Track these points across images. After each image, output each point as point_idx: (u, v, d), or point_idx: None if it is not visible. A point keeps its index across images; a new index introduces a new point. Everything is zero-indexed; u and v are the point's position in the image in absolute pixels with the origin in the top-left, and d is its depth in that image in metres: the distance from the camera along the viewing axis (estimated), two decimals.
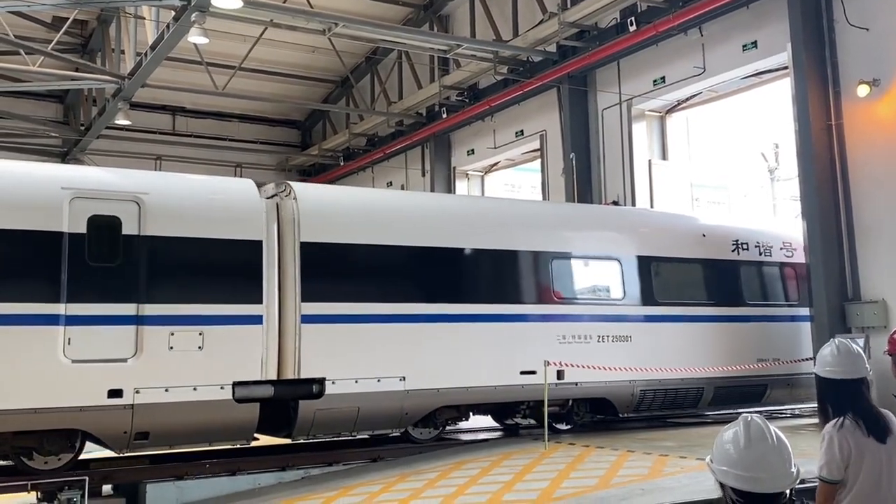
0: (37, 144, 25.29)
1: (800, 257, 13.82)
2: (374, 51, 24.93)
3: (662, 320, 12.50)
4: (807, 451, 6.73)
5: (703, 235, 13.53)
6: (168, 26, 15.89)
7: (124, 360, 9.11)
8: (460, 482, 8.88)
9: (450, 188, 22.87)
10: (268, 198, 10.58)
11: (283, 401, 10.14)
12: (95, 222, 9.24)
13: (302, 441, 10.81)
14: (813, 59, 13.02)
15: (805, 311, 13.36)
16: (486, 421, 13.25)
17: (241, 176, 27.42)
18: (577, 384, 11.69)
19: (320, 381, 10.06)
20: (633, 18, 16.01)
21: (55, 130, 24.92)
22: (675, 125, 17.82)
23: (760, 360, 13.04)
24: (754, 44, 14.74)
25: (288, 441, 10.71)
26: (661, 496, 7.82)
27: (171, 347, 9.30)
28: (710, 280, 13.36)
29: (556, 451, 10.50)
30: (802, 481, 2.97)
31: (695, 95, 16.90)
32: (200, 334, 9.45)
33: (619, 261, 12.40)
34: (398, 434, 11.32)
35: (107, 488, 9.55)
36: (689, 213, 15.80)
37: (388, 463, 10.45)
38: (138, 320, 9.21)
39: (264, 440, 10.76)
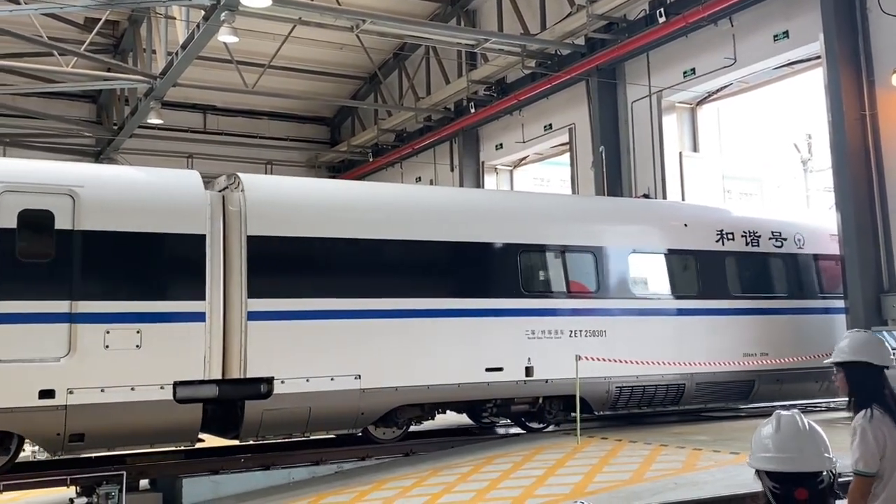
0: (71, 144, 25.65)
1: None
2: (401, 47, 24.94)
3: (641, 314, 12.12)
4: (843, 445, 6.67)
5: (685, 225, 13.01)
6: (198, 26, 16.04)
7: (56, 360, 8.76)
8: (493, 476, 8.89)
9: (478, 183, 22.87)
10: (219, 190, 10.30)
11: (230, 401, 9.78)
12: (26, 217, 8.89)
13: (334, 436, 10.85)
14: (846, 48, 12.84)
15: (800, 304, 13.27)
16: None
17: (272, 173, 27.62)
18: (547, 381, 11.24)
19: (268, 381, 9.65)
20: (662, 10, 15.86)
21: (89, 130, 25.27)
22: (705, 117, 17.66)
23: (747, 356, 12.58)
24: (786, 34, 14.55)
25: (324, 436, 10.70)
26: (695, 490, 7.78)
27: (107, 346, 8.94)
28: (695, 271, 12.81)
29: (588, 446, 10.47)
30: (839, 475, 2.97)
31: (726, 87, 16.74)
32: (138, 332, 9.07)
33: (593, 253, 11.97)
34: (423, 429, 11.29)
35: (143, 483, 9.70)
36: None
37: (420, 457, 10.49)
38: (71, 318, 8.85)
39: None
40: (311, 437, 11.04)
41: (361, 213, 10.72)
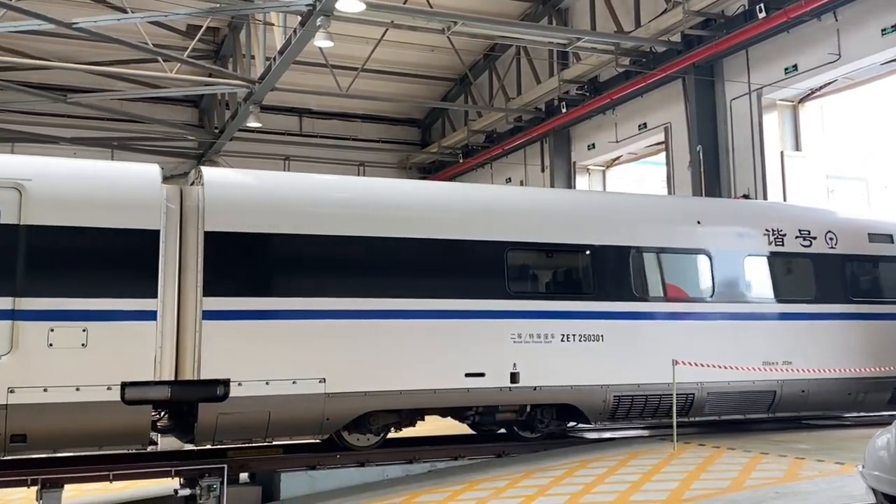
0: (174, 147, 26.65)
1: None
2: (492, 47, 24.96)
3: (639, 318, 11.28)
4: None
5: (699, 223, 12.01)
6: (295, 31, 16.44)
7: None
8: (587, 480, 8.81)
9: (570, 184, 22.69)
10: (190, 185, 10.07)
11: (185, 404, 9.47)
12: None
13: (427, 435, 10.90)
14: None
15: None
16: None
17: (364, 175, 28.07)
18: (535, 388, 10.56)
19: (224, 383, 9.23)
20: (762, 5, 15.41)
21: (191, 133, 26.17)
22: (808, 115, 17.04)
23: (767, 364, 11.69)
24: (894, 27, 13.94)
25: (417, 434, 10.76)
26: (798, 500, 7.51)
27: (51, 344, 8.64)
28: (709, 273, 11.93)
29: (685, 452, 10.25)
30: None
31: (830, 83, 16.12)
32: (84, 331, 8.76)
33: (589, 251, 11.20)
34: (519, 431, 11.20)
35: (244, 476, 9.98)
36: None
37: (513, 459, 10.47)
38: (13, 315, 8.58)
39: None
40: (406, 436, 11.14)
41: (325, 208, 10.17)
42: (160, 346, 9.03)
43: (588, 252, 11.12)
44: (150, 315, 9.02)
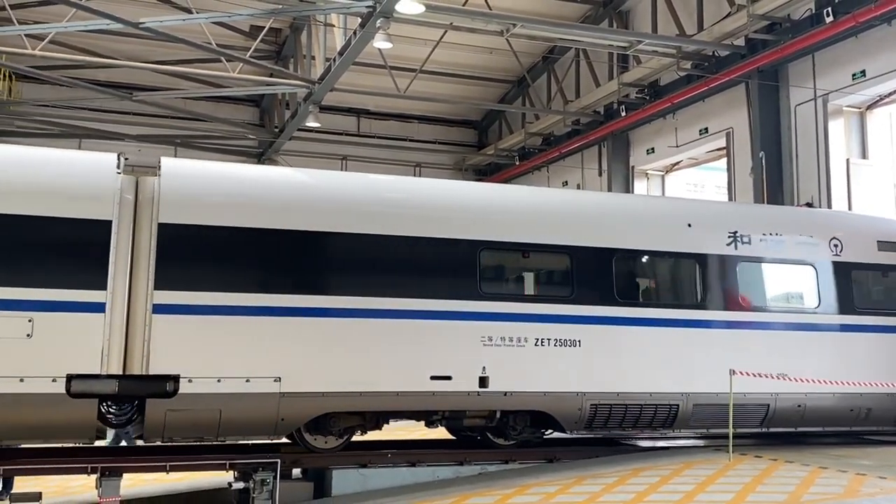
0: (236, 146, 27.13)
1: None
2: (551, 49, 24.88)
3: (621, 323, 10.74)
4: None
5: (689, 225, 11.43)
6: (355, 33, 16.60)
7: None
8: (639, 489, 8.69)
9: (628, 188, 22.47)
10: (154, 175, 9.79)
11: (134, 398, 9.25)
12: None
13: (479, 437, 10.87)
14: None
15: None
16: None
17: (420, 176, 28.20)
18: (506, 394, 10.13)
19: (174, 379, 8.97)
20: (829, 9, 15.11)
21: (252, 132, 26.62)
22: (876, 122, 16.60)
23: (759, 375, 10.94)
24: None
25: (471, 435, 10.70)
26: None
27: None
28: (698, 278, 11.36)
29: (741, 463, 10.06)
30: None
31: None
32: (30, 321, 8.55)
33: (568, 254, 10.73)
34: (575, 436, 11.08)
35: (296, 472, 10.09)
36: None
37: (564, 464, 10.39)
38: None
39: (440, 433, 10.92)
40: (454, 438, 11.14)
41: (284, 202, 9.77)
42: (108, 339, 8.78)
43: (567, 254, 10.67)
44: (99, 307, 8.78)
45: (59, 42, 21.18)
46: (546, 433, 11.04)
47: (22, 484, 9.21)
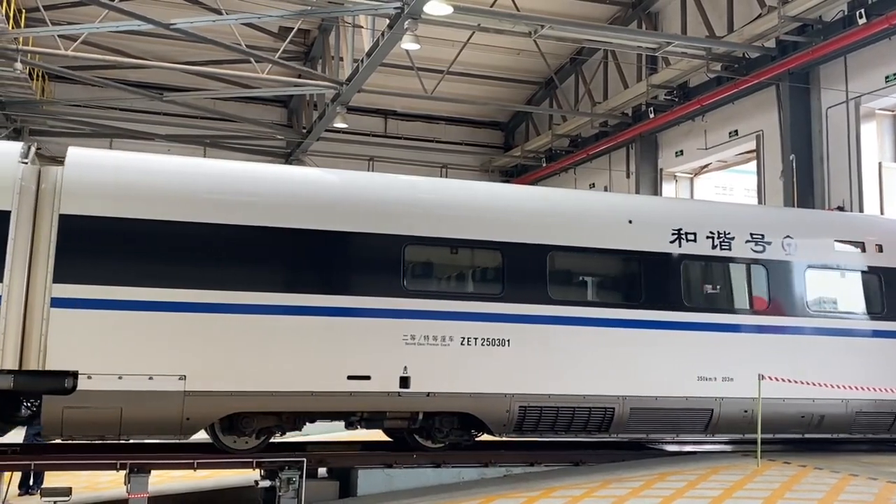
0: (264, 146, 27.32)
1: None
2: (578, 51, 24.80)
3: (553, 322, 10.28)
4: None
5: (630, 221, 10.93)
6: (383, 34, 16.66)
7: None
8: (665, 494, 8.63)
9: (656, 190, 22.34)
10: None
11: (32, 394, 9.03)
12: None
13: (505, 439, 10.82)
14: None
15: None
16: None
17: (446, 177, 28.22)
18: (428, 395, 9.75)
19: (73, 375, 8.66)
20: (862, 11, 14.94)
21: (280, 133, 26.80)
22: None
23: (702, 379, 10.71)
24: None
25: (493, 437, 10.67)
26: None
27: None
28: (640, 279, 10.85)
29: (769, 469, 9.95)
30: None
31: None
32: None
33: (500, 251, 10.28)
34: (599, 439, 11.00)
35: (322, 471, 10.13)
36: None
37: (590, 468, 10.33)
38: None
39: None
40: (479, 440, 11.11)
41: (190, 194, 9.40)
42: (3, 333, 8.50)
43: (498, 250, 10.24)
44: None
45: (91, 43, 21.44)
46: (477, 436, 10.64)
47: (52, 479, 9.35)
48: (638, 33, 20.13)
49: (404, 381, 9.63)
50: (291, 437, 10.14)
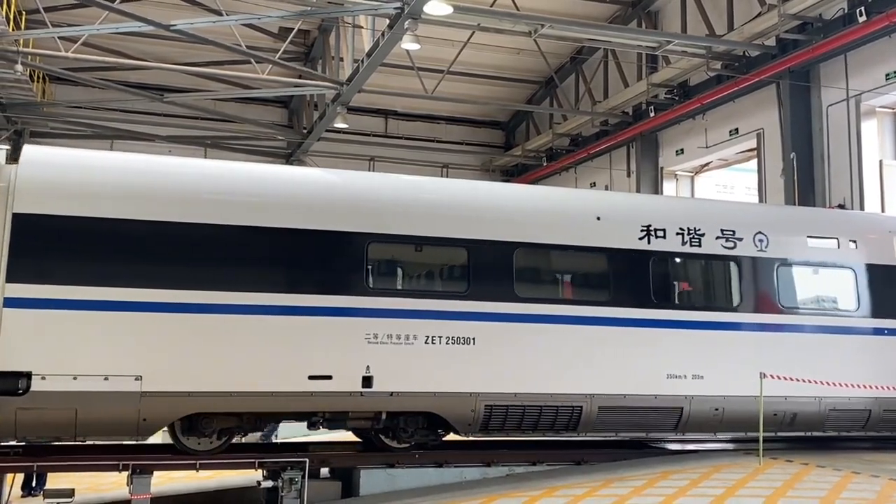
0: (264, 146, 27.32)
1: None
2: (579, 50, 24.81)
3: (520, 320, 10.15)
4: None
5: (598, 218, 10.78)
6: (383, 34, 16.66)
7: None
8: (667, 492, 8.64)
9: (657, 189, 22.34)
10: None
11: None
12: None
13: (505, 438, 10.83)
14: None
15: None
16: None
17: (447, 177, 28.24)
18: (392, 394, 9.61)
19: (26, 376, 8.54)
20: (862, 8, 14.94)
21: (280, 133, 26.80)
22: None
23: (671, 377, 10.58)
24: None
25: (495, 438, 10.67)
26: None
27: None
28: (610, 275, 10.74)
29: (771, 468, 9.96)
30: None
31: None
32: None
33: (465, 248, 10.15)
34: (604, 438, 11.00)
35: (324, 471, 10.14)
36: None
37: (592, 467, 10.34)
38: None
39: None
40: (483, 439, 11.12)
41: (152, 191, 9.27)
42: None
43: (463, 247, 10.12)
44: None
45: (91, 44, 21.45)
46: (443, 435, 10.55)
47: (55, 480, 9.35)
48: (638, 32, 20.12)
49: (367, 381, 9.51)
50: (293, 437, 10.13)
